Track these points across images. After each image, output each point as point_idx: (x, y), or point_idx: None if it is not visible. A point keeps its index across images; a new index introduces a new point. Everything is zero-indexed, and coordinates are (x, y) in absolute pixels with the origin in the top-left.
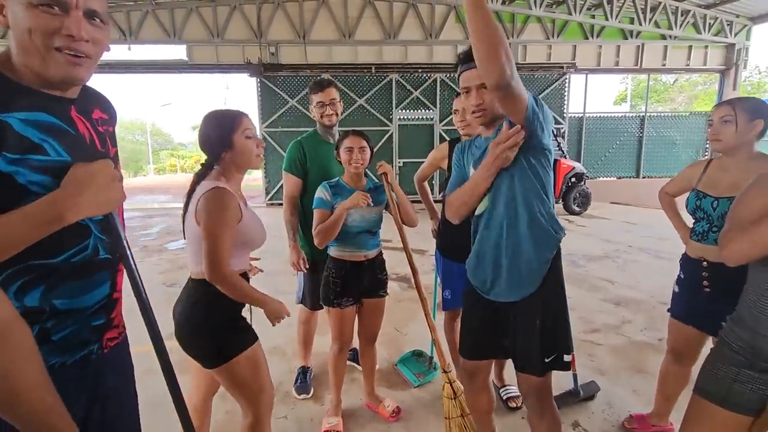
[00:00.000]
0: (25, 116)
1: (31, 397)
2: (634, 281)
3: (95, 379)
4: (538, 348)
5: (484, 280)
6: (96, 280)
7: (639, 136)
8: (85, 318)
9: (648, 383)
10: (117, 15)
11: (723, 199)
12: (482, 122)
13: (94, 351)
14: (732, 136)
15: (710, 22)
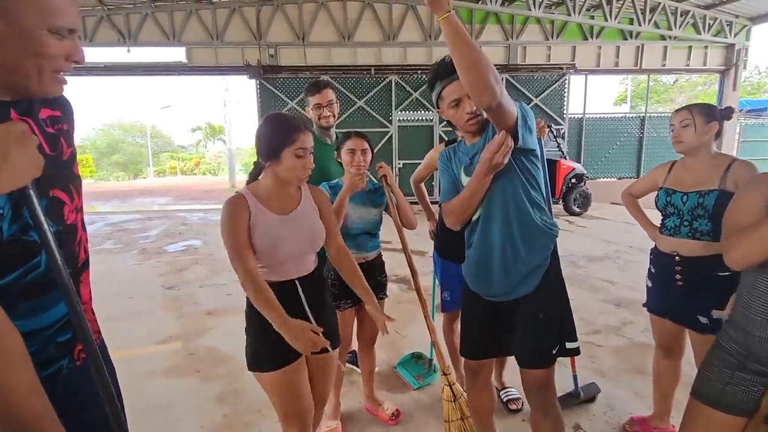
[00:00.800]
0: None
1: (25, 405)
2: (634, 282)
3: (66, 394)
4: (544, 341)
5: (483, 284)
6: (52, 297)
7: (639, 136)
8: (47, 337)
9: (649, 385)
10: (116, 17)
11: (692, 193)
12: (477, 129)
13: (64, 366)
14: (692, 137)
15: (710, 23)
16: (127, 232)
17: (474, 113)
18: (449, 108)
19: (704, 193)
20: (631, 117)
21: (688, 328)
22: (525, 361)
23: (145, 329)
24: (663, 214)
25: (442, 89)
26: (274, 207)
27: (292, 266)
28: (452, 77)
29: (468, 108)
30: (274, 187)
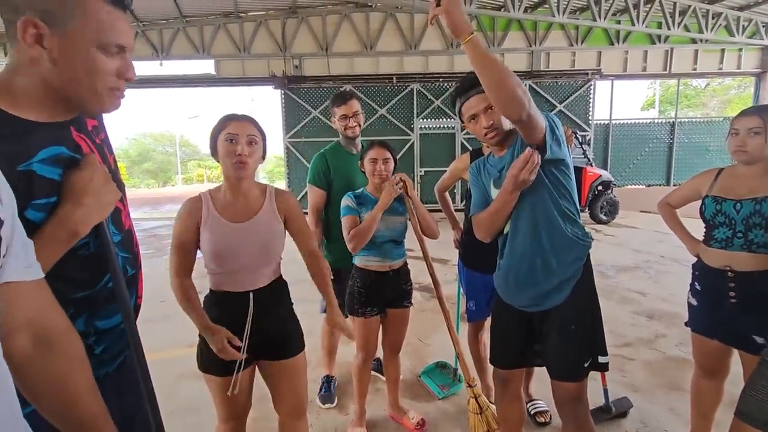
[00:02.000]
0: (42, 156)
1: (82, 406)
2: (667, 293)
3: (130, 379)
4: (575, 353)
5: (513, 295)
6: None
7: (669, 142)
8: (120, 330)
9: (686, 401)
10: (150, 32)
11: (746, 201)
12: (496, 142)
13: (128, 357)
14: (760, 147)
15: (744, 24)
16: (158, 237)
17: (491, 127)
18: (468, 122)
19: (761, 199)
20: (660, 122)
21: (740, 350)
22: (556, 373)
23: (176, 332)
24: (710, 225)
25: (462, 105)
26: (229, 214)
27: (245, 277)
28: (468, 94)
29: (484, 122)
30: (230, 192)
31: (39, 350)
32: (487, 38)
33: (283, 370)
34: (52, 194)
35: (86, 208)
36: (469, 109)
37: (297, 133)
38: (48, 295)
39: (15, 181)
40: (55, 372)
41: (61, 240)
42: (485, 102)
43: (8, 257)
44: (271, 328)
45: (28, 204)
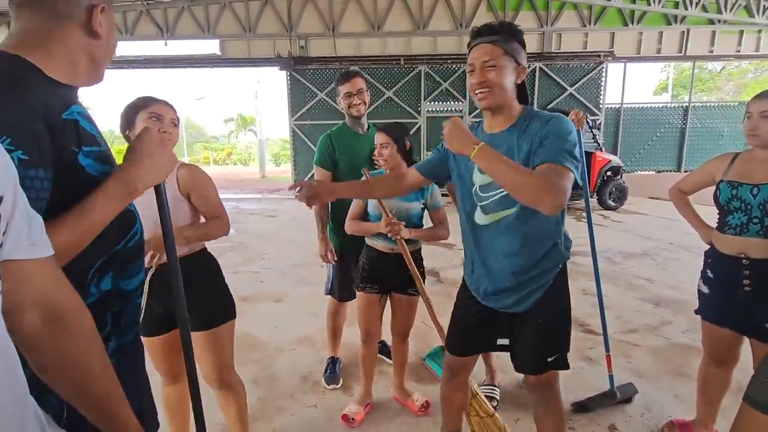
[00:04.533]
0: (76, 109)
1: (99, 384)
2: (675, 280)
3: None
4: (538, 349)
5: (483, 289)
6: (141, 260)
7: (681, 127)
8: (135, 297)
9: (691, 388)
10: (155, 12)
11: (764, 185)
12: (487, 104)
13: (137, 328)
14: None
15: (765, 5)
16: None
17: (481, 84)
18: (469, 74)
19: None
20: (672, 107)
21: (752, 338)
22: (519, 366)
23: None
24: (724, 211)
25: (468, 52)
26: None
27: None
28: (477, 41)
29: (477, 77)
30: None
31: (49, 328)
32: (498, 18)
33: (197, 341)
34: (93, 144)
35: (144, 169)
36: (471, 58)
37: (303, 116)
38: (57, 273)
39: (61, 127)
40: (67, 350)
41: (121, 195)
42: (487, 56)
43: (8, 234)
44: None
45: (79, 149)
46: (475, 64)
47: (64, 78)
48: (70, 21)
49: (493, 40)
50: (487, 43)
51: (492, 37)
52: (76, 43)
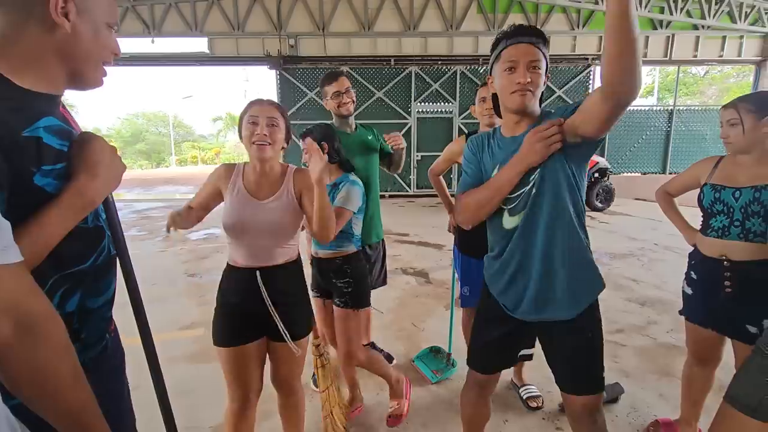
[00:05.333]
0: (44, 123)
1: (68, 394)
2: (660, 281)
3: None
4: (594, 364)
5: (515, 301)
6: (110, 276)
7: (666, 130)
8: (103, 313)
9: (675, 387)
10: (140, 8)
11: (746, 189)
12: (525, 105)
13: (108, 341)
14: (740, 138)
15: (746, 11)
16: (150, 219)
17: (524, 87)
18: (502, 72)
19: (761, 188)
20: (658, 110)
21: (734, 339)
22: (574, 388)
23: (167, 315)
24: (707, 214)
25: (504, 48)
26: (252, 189)
27: (253, 254)
28: (519, 39)
29: (521, 77)
30: (252, 171)
31: (20, 337)
32: (488, 20)
33: (284, 350)
34: (57, 162)
35: (101, 179)
36: (512, 55)
37: (293, 115)
38: (27, 279)
39: (22, 145)
40: (38, 360)
41: (77, 209)
42: (534, 56)
43: None
44: (289, 313)
45: (38, 169)
46: (519, 62)
47: (38, 85)
48: (30, 17)
49: (537, 42)
50: (531, 44)
51: (536, 39)
52: (38, 42)
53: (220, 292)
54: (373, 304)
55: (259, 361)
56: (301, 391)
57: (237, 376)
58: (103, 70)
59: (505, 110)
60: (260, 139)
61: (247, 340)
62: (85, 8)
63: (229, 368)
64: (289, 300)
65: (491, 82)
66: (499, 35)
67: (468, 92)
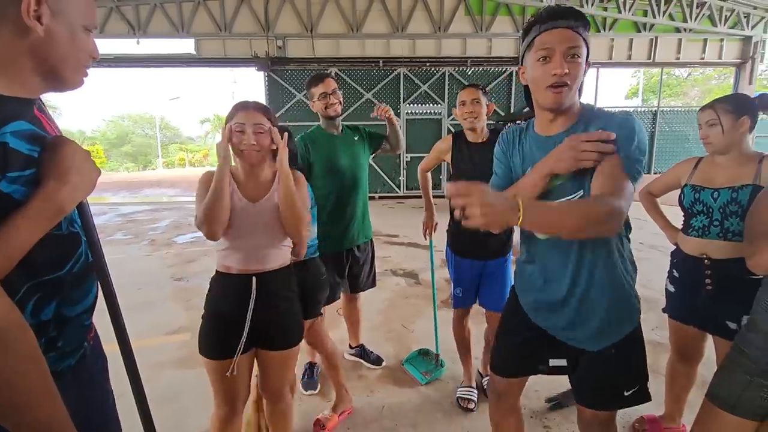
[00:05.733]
0: (12, 128)
1: (37, 408)
2: (645, 279)
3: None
4: (616, 380)
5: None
6: (89, 283)
7: (651, 131)
8: (82, 321)
9: (660, 384)
10: (125, 8)
11: (724, 190)
12: (561, 102)
13: (87, 349)
14: (720, 138)
15: (726, 15)
16: (136, 223)
17: (561, 79)
18: (535, 62)
19: (738, 188)
20: (642, 111)
21: (715, 335)
22: (589, 402)
23: (154, 320)
24: (688, 213)
25: (538, 34)
26: (246, 192)
27: (250, 257)
28: (556, 24)
29: (558, 68)
30: (243, 173)
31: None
32: (475, 23)
33: (274, 358)
34: (26, 168)
35: (72, 185)
36: (547, 42)
37: (281, 117)
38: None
39: None
40: (6, 371)
41: (47, 217)
42: (572, 41)
43: None
44: (271, 317)
45: (2, 176)
46: (555, 49)
47: (10, 89)
48: (1, 20)
49: (577, 26)
50: (570, 28)
51: (575, 22)
52: (11, 44)
53: (210, 301)
54: (362, 306)
55: (248, 371)
56: (289, 396)
57: (225, 388)
58: (83, 72)
59: (538, 107)
60: (248, 149)
61: (232, 354)
62: (59, 11)
63: (217, 379)
64: (285, 305)
65: (522, 73)
66: (532, 20)
67: (456, 94)
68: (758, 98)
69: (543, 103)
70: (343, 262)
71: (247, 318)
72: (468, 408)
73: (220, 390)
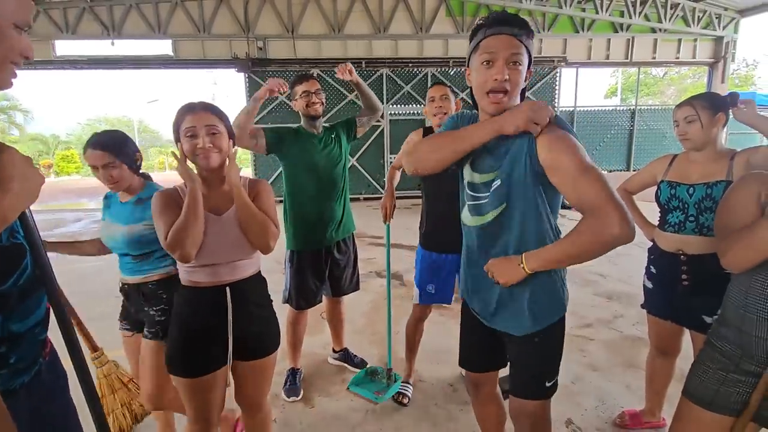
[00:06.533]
0: None
1: None
2: (626, 275)
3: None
4: (538, 370)
5: (482, 308)
6: (37, 296)
7: (630, 129)
8: (34, 335)
9: (641, 378)
10: (99, 9)
11: (699, 186)
12: (500, 109)
13: (42, 365)
14: (699, 134)
15: (699, 15)
16: None
17: (501, 86)
18: (479, 65)
19: (712, 184)
20: (621, 110)
21: (691, 329)
22: (516, 390)
23: None
24: (664, 210)
25: (483, 39)
26: (209, 203)
27: (222, 270)
28: (501, 30)
29: (499, 73)
30: (204, 184)
31: None
32: (457, 24)
33: (253, 368)
34: None
35: (14, 193)
36: (491, 47)
37: (263, 119)
38: None
39: None
40: None
41: None
42: (514, 49)
43: None
44: (251, 326)
45: None
46: (498, 55)
47: None
48: None
49: (519, 34)
50: (512, 36)
51: (518, 30)
52: None
53: (177, 317)
54: (346, 309)
55: (223, 384)
56: (267, 406)
57: (200, 403)
58: (12, 72)
59: (481, 109)
60: (204, 153)
61: (211, 369)
62: None
63: (192, 397)
64: (264, 312)
65: (468, 74)
66: (480, 23)
67: None
68: (729, 96)
69: (483, 108)
70: (322, 265)
71: (229, 330)
72: (402, 402)
73: (195, 406)
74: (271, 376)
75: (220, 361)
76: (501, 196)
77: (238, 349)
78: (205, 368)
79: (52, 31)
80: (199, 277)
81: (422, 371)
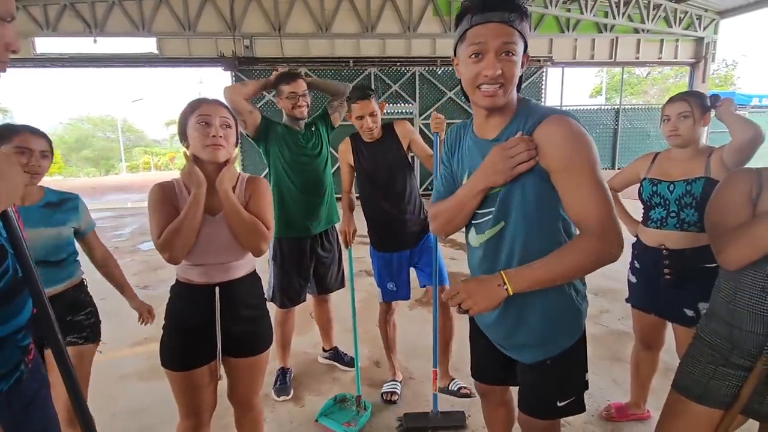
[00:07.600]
0: None
1: None
2: (611, 270)
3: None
4: (548, 391)
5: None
6: (21, 300)
7: (614, 128)
8: (17, 341)
9: (627, 372)
10: (80, 6)
11: (679, 182)
12: (494, 104)
13: (24, 372)
14: (691, 130)
15: (680, 16)
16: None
17: (495, 79)
18: (467, 58)
19: (692, 181)
20: (606, 109)
21: (674, 322)
22: (526, 408)
23: (118, 331)
24: (647, 206)
25: (469, 27)
26: (205, 203)
27: (214, 271)
28: (489, 17)
29: (490, 68)
30: (205, 173)
31: None
32: (444, 23)
33: (245, 366)
34: None
35: None
36: (479, 37)
37: None
38: None
39: None
40: None
41: None
42: (506, 37)
43: None
44: (239, 325)
45: None
46: (488, 45)
47: None
48: None
49: (511, 18)
50: (503, 22)
51: (509, 14)
52: None
53: (171, 311)
54: (335, 308)
55: (213, 381)
56: (259, 405)
57: (190, 399)
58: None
59: (473, 103)
60: (215, 142)
61: (200, 363)
62: None
63: (181, 391)
64: (254, 313)
65: (456, 65)
66: (465, 4)
67: (427, 93)
68: (711, 98)
69: (476, 102)
70: (306, 261)
71: (217, 329)
72: (392, 400)
73: (185, 402)
74: (263, 374)
75: (209, 356)
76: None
77: (228, 347)
78: (193, 362)
79: (32, 29)
80: (191, 275)
81: (413, 369)
